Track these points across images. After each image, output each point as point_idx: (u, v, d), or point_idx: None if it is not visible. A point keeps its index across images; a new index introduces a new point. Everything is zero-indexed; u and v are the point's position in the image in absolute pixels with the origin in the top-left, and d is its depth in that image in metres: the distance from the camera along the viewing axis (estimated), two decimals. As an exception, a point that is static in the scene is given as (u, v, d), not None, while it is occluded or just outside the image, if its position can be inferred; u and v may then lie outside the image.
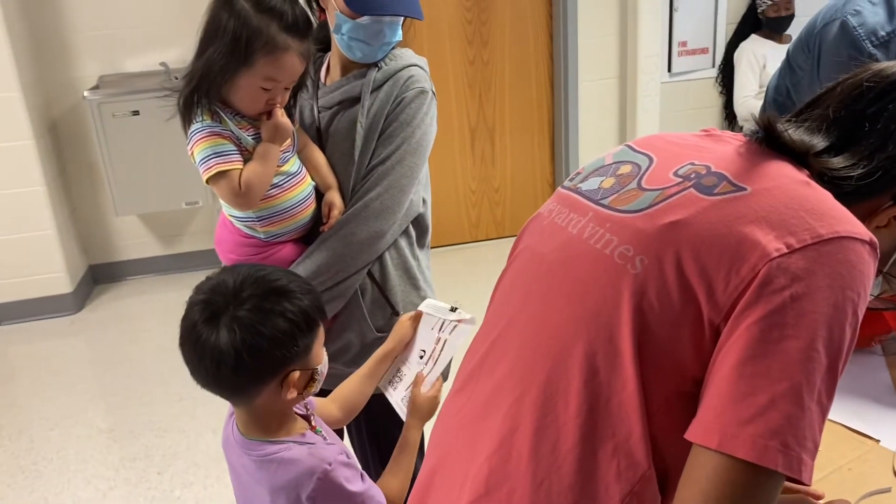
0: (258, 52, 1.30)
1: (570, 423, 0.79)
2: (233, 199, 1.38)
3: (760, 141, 0.84)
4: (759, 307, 0.71)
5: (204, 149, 1.36)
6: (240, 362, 1.06)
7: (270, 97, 1.36)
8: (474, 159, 4.41)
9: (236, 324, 1.06)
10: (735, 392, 0.70)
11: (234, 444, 1.21)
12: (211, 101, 1.36)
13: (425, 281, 1.60)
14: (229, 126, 1.37)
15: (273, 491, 1.15)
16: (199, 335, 1.07)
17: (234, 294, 1.08)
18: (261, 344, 1.06)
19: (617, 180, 0.89)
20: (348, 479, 1.17)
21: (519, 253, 0.99)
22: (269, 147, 1.38)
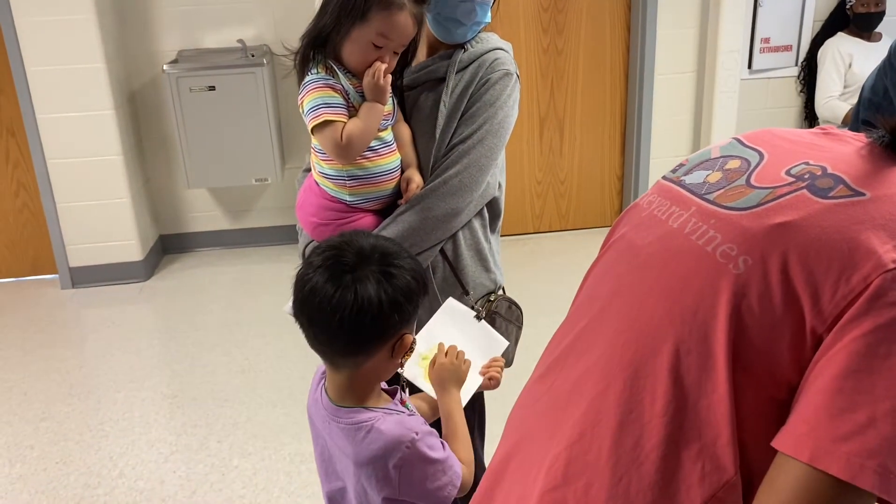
0: (374, 6, 1.34)
1: (656, 420, 0.77)
2: (333, 149, 1.42)
3: (886, 144, 0.78)
4: (867, 320, 0.67)
5: (314, 98, 1.41)
6: (381, 313, 1.11)
7: (379, 56, 1.40)
8: (542, 149, 4.36)
9: (380, 275, 1.12)
10: (833, 406, 0.67)
11: (321, 410, 1.23)
12: (326, 56, 1.41)
13: (495, 264, 1.60)
14: (341, 80, 1.42)
15: (359, 463, 1.17)
16: (338, 288, 1.10)
17: (361, 255, 1.13)
18: (398, 298, 1.12)
19: (724, 175, 0.85)
20: (432, 447, 1.19)
21: (613, 243, 0.96)
22: (373, 105, 1.42)
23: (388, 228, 1.47)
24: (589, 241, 4.33)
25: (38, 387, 3.05)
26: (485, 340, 1.48)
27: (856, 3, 3.92)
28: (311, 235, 1.54)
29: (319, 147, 1.46)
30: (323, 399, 1.23)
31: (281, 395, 2.91)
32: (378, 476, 1.16)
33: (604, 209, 4.55)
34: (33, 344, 3.41)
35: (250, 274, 4.04)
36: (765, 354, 0.73)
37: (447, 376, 1.35)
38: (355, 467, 1.18)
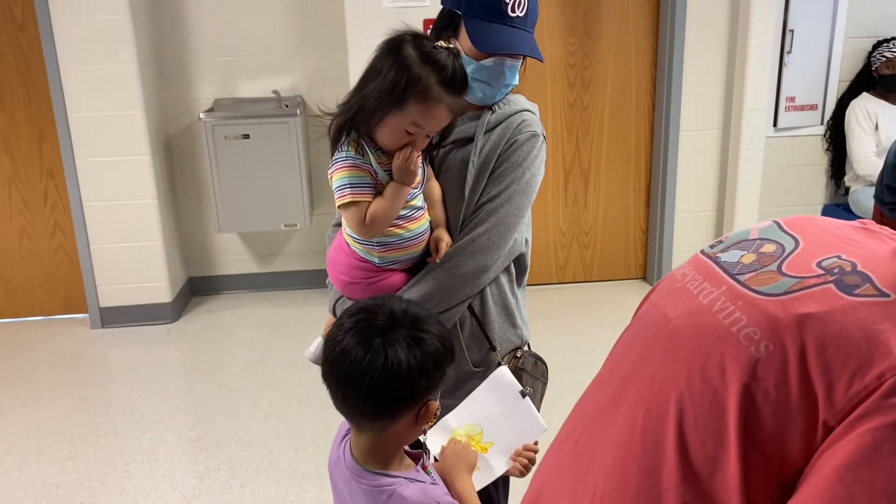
0: (412, 97, 1.36)
1: (672, 490, 0.79)
2: (358, 227, 1.45)
3: None
4: (877, 417, 0.69)
5: (342, 177, 1.44)
6: (409, 377, 1.11)
7: (411, 140, 1.42)
8: (566, 201, 4.41)
9: (410, 340, 1.12)
10: (831, 494, 0.69)
11: (344, 469, 1.24)
12: (360, 135, 1.44)
13: (522, 319, 1.62)
14: (370, 159, 1.44)
15: None
16: (368, 350, 1.11)
17: (392, 319, 1.14)
18: (427, 363, 1.13)
19: (758, 258, 0.88)
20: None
21: (645, 311, 0.99)
22: (400, 188, 1.44)
23: (417, 286, 1.50)
24: (612, 293, 4.34)
25: (65, 425, 3.09)
26: (524, 420, 1.46)
27: (881, 66, 3.97)
28: (342, 292, 1.58)
29: None
30: (346, 457, 1.24)
31: (304, 441, 2.93)
32: None
33: (628, 261, 4.56)
34: (62, 382, 3.46)
35: (276, 317, 4.08)
36: (777, 438, 0.75)
37: (457, 462, 1.35)
38: None
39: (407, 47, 1.37)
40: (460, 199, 1.52)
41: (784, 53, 4.13)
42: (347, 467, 1.23)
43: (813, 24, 4.12)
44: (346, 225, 1.52)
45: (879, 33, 4.11)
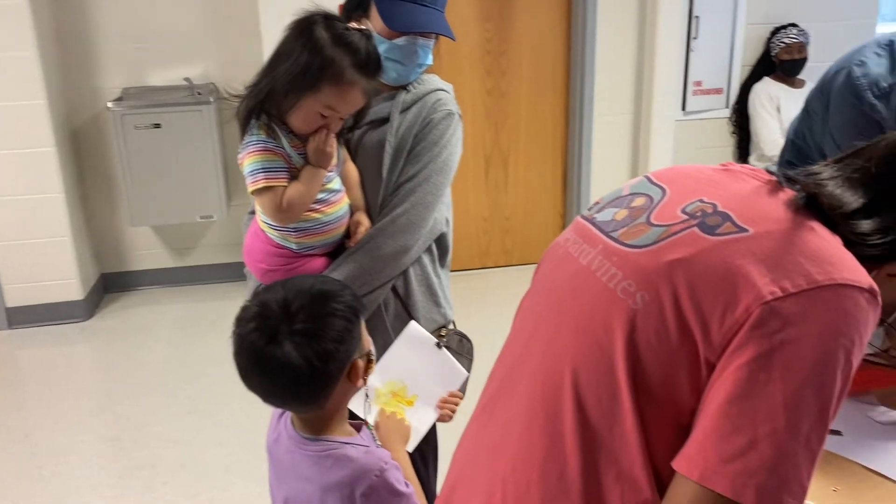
0: (325, 81, 1.35)
1: (576, 450, 0.82)
2: (274, 213, 1.43)
3: (802, 205, 0.83)
4: (749, 348, 0.73)
5: (254, 162, 1.41)
6: (313, 370, 1.12)
7: (325, 123, 1.41)
8: (487, 187, 4.45)
9: (298, 336, 1.11)
10: (720, 430, 0.73)
11: (285, 442, 1.24)
12: (271, 118, 1.41)
13: (445, 298, 1.64)
14: (283, 143, 1.42)
15: (325, 488, 1.18)
16: (267, 358, 1.12)
17: (284, 309, 1.13)
18: (327, 347, 1.13)
19: (629, 213, 0.91)
20: (398, 480, 1.21)
21: (535, 280, 1.02)
22: (316, 171, 1.43)
23: (338, 270, 1.49)
24: (534, 277, 4.41)
25: (-29, 431, 2.94)
26: (444, 371, 1.50)
27: (780, 51, 4.15)
28: (260, 280, 1.56)
29: None
30: (288, 430, 1.24)
31: (227, 435, 2.87)
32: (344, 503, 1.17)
33: (547, 245, 4.62)
34: (-34, 387, 3.29)
35: (195, 312, 3.98)
36: (666, 384, 0.78)
37: (391, 435, 1.37)
38: (321, 493, 1.19)
39: (318, 29, 1.35)
40: (378, 181, 1.52)
41: (690, 39, 4.28)
42: (290, 439, 1.23)
43: (717, 10, 4.28)
44: (261, 211, 1.49)
45: (778, 20, 4.31)
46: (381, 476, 1.18)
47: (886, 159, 0.86)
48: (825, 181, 0.86)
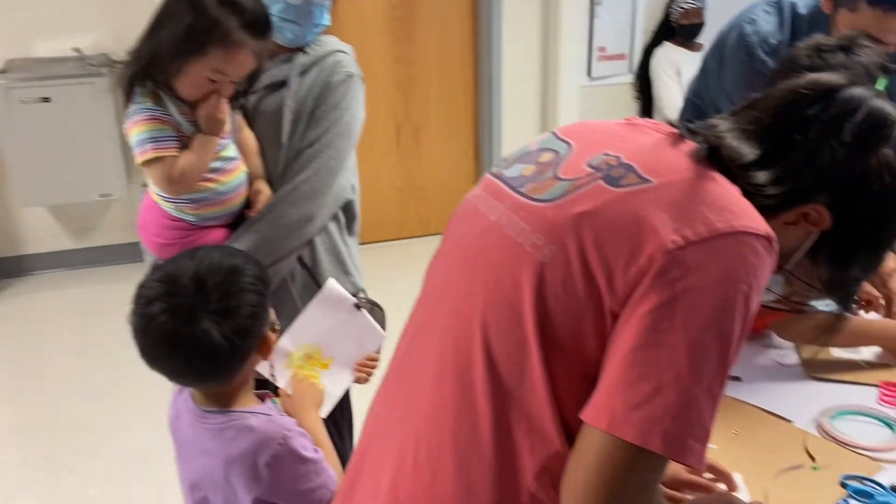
0: (211, 43, 1.29)
1: (487, 405, 0.82)
2: (165, 185, 1.37)
3: (703, 157, 0.84)
4: (652, 297, 0.74)
5: (141, 132, 1.34)
6: (233, 348, 1.11)
7: (215, 88, 1.35)
8: (400, 156, 4.42)
9: (216, 315, 1.09)
10: (625, 378, 0.74)
11: (186, 418, 1.20)
12: (156, 85, 1.34)
13: (355, 267, 1.61)
14: (171, 111, 1.35)
15: (228, 461, 1.16)
16: (183, 338, 1.09)
17: (198, 287, 1.10)
18: (245, 324, 1.12)
19: (537, 168, 0.91)
20: (304, 447, 1.19)
21: (445, 239, 1.01)
22: (208, 139, 1.37)
23: (240, 240, 1.44)
24: (449, 245, 4.42)
25: None
26: (362, 332, 1.46)
27: (679, 16, 4.25)
28: (158, 255, 1.49)
29: None
30: (188, 405, 1.21)
31: (137, 419, 2.77)
32: (248, 475, 1.15)
33: (462, 213, 4.66)
34: None
35: (97, 295, 3.81)
36: (573, 336, 0.79)
37: (303, 400, 1.35)
38: (224, 467, 1.16)
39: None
40: (277, 148, 1.47)
41: (594, 5, 4.34)
42: (191, 413, 1.20)
43: (619, -24, 4.35)
44: (153, 183, 1.43)
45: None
46: (284, 444, 1.16)
47: (778, 110, 0.88)
48: (724, 133, 0.88)
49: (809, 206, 0.86)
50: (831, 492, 1.09)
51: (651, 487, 0.77)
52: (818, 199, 0.85)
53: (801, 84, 0.87)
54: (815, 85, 0.87)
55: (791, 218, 0.87)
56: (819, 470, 1.14)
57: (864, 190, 0.85)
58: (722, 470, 1.10)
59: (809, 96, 0.86)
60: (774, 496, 1.08)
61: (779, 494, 1.09)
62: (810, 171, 0.84)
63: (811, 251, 0.89)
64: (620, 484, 0.74)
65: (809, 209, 0.86)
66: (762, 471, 1.13)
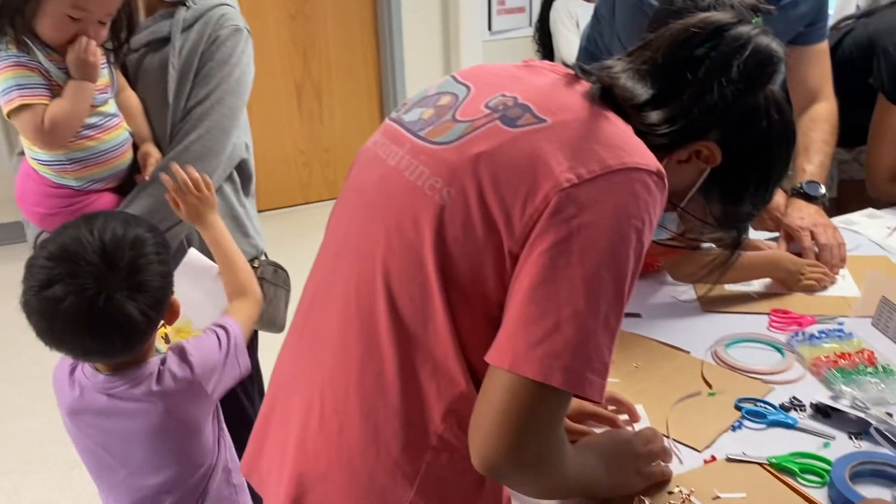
0: None
1: (391, 350, 0.82)
2: (35, 136, 1.28)
3: (598, 97, 0.85)
4: (549, 235, 0.75)
5: (6, 79, 1.26)
6: (149, 321, 1.11)
7: (80, 29, 1.26)
8: (302, 118, 4.32)
9: (130, 291, 1.07)
10: (526, 316, 0.75)
11: (93, 394, 1.17)
12: (18, 31, 1.25)
13: (254, 229, 1.57)
14: (38, 58, 1.27)
15: (164, 392, 1.16)
16: (98, 317, 1.05)
17: (108, 263, 1.06)
18: (157, 294, 1.11)
19: (436, 111, 0.90)
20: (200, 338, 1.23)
21: (345, 188, 1.00)
22: (82, 84, 1.29)
23: (132, 206, 1.38)
24: (358, 207, 4.37)
25: None
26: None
27: (576, -32, 4.28)
28: (40, 226, 1.41)
29: None
30: (95, 380, 1.16)
31: (35, 401, 2.64)
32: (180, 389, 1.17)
33: (369, 174, 4.62)
34: None
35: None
36: (474, 278, 0.80)
37: (200, 209, 1.33)
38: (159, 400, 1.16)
39: None
40: (164, 107, 1.41)
41: (492, -42, 4.32)
42: (98, 389, 1.16)
43: (514, -72, 4.33)
44: (26, 141, 1.34)
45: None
46: (183, 348, 1.19)
47: (670, 49, 0.89)
48: (618, 74, 0.89)
49: (701, 143, 0.88)
50: (727, 415, 1.14)
51: (556, 423, 0.79)
52: (709, 137, 0.88)
53: (691, 23, 0.89)
54: (705, 24, 0.88)
55: (684, 156, 0.89)
56: (715, 395, 1.18)
57: (753, 126, 0.88)
58: (624, 401, 1.14)
59: (700, 35, 0.87)
60: (674, 423, 1.13)
61: (678, 421, 1.13)
62: (701, 109, 0.85)
63: (704, 188, 0.92)
64: (526, 421, 0.75)
65: (701, 146, 0.88)
66: (662, 400, 1.17)
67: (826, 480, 0.99)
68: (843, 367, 1.21)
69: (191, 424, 1.21)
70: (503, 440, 0.75)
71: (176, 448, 1.21)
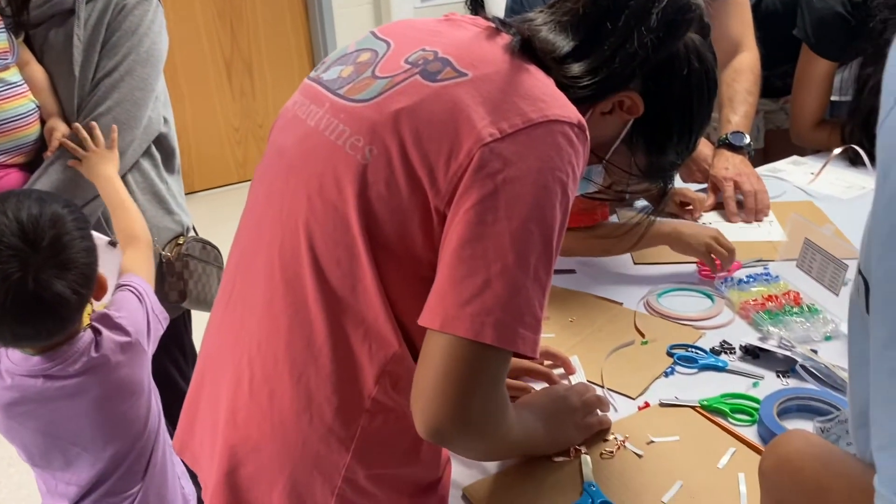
0: None
1: (320, 314, 0.80)
2: None
3: (518, 49, 0.83)
4: (474, 192, 0.73)
5: None
6: (80, 299, 1.09)
7: None
8: (233, 95, 4.21)
9: (58, 270, 1.05)
10: (455, 275, 0.73)
11: (26, 380, 1.13)
12: None
13: (178, 205, 1.51)
14: None
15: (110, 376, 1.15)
16: (28, 301, 1.03)
17: (31, 247, 1.03)
18: (85, 270, 1.09)
19: (355, 69, 0.88)
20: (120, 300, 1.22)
21: (266, 152, 0.97)
22: None
23: (39, 182, 1.32)
24: (297, 183, 4.31)
25: None
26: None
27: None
28: None
29: None
30: (28, 365, 1.13)
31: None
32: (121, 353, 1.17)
33: (307, 149, 4.54)
34: None
35: None
36: (401, 237, 0.78)
37: (95, 162, 1.32)
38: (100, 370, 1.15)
39: None
40: (72, 81, 1.34)
41: (419, -78, 4.25)
42: (32, 374, 1.12)
43: None
44: None
45: None
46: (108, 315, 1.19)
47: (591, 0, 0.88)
48: (539, 27, 0.87)
49: (623, 94, 0.87)
50: (660, 362, 1.16)
51: (497, 383, 0.78)
52: (631, 87, 0.87)
53: None
54: None
55: (607, 107, 0.88)
56: (648, 344, 1.20)
57: (674, 74, 0.88)
58: (559, 355, 1.14)
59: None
60: (609, 372, 1.14)
61: (613, 371, 1.14)
62: (622, 59, 0.85)
63: (628, 139, 0.92)
64: (467, 383, 0.74)
65: (623, 97, 0.87)
66: (597, 351, 1.18)
67: (755, 418, 1.02)
68: (771, 308, 1.24)
69: (135, 387, 1.21)
70: (446, 403, 0.74)
71: (123, 414, 1.20)
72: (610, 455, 0.98)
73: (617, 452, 0.98)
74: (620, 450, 0.99)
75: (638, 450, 0.99)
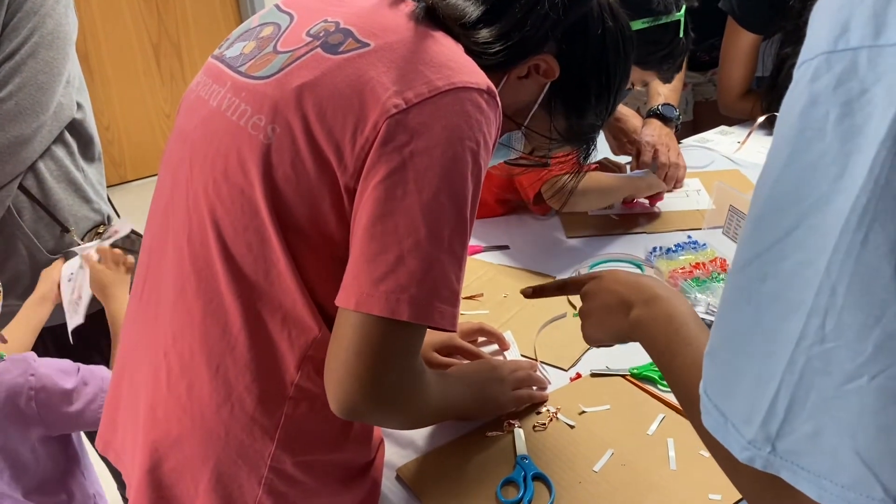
0: None
1: (234, 302, 0.78)
2: None
3: (422, 16, 0.80)
4: (382, 166, 0.71)
5: None
6: None
7: None
8: (163, 79, 4.08)
9: None
10: (368, 252, 0.71)
11: None
12: None
13: (97, 194, 1.45)
14: None
15: None
16: None
17: None
18: None
19: (258, 44, 0.84)
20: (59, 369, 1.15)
21: (170, 136, 0.93)
22: None
23: None
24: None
25: None
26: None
27: None
28: None
29: None
30: None
31: None
32: (19, 421, 1.10)
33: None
34: None
35: None
36: (312, 218, 0.75)
37: (108, 281, 1.27)
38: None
39: None
40: None
41: None
42: None
43: None
44: None
45: None
46: (36, 373, 1.12)
47: None
48: None
49: (538, 57, 0.85)
50: (591, 333, 1.16)
51: (411, 354, 0.77)
52: (546, 50, 0.85)
53: None
54: None
55: (522, 72, 0.86)
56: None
57: (587, 35, 0.86)
58: (492, 331, 1.14)
59: None
60: (542, 345, 1.14)
61: (545, 343, 1.15)
62: (533, 22, 0.82)
63: (546, 103, 0.90)
64: (379, 359, 0.73)
65: (538, 60, 0.85)
66: (530, 325, 1.19)
67: (683, 384, 1.03)
68: (698, 276, 1.26)
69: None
70: (358, 381, 0.72)
71: None
72: (542, 427, 0.98)
73: (549, 425, 0.99)
74: (553, 422, 0.99)
75: (570, 421, 0.99)
